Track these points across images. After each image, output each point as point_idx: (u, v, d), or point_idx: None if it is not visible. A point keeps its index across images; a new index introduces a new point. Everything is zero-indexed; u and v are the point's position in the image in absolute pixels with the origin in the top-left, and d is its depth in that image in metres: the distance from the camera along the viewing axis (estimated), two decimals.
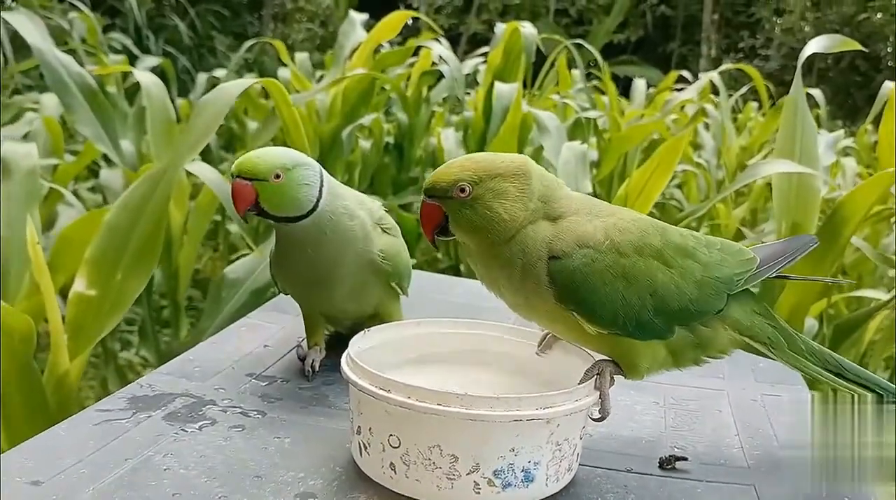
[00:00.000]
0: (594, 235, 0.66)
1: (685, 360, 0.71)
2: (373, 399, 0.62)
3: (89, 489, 0.61)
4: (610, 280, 0.65)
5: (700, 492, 0.68)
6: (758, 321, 0.73)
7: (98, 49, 3.93)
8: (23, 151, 1.76)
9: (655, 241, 0.68)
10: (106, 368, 2.31)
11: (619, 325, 0.66)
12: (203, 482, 0.63)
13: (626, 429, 0.79)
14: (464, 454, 0.60)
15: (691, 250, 0.70)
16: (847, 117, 9.33)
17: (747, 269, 0.72)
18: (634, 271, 0.66)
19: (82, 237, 1.43)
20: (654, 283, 0.67)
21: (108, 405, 0.75)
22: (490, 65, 3.43)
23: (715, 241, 0.73)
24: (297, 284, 0.86)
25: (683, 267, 0.68)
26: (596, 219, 0.67)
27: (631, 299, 0.66)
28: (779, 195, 1.66)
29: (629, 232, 0.67)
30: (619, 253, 0.66)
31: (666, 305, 0.67)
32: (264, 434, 0.72)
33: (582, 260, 0.65)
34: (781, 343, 0.73)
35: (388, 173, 3.42)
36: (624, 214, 0.70)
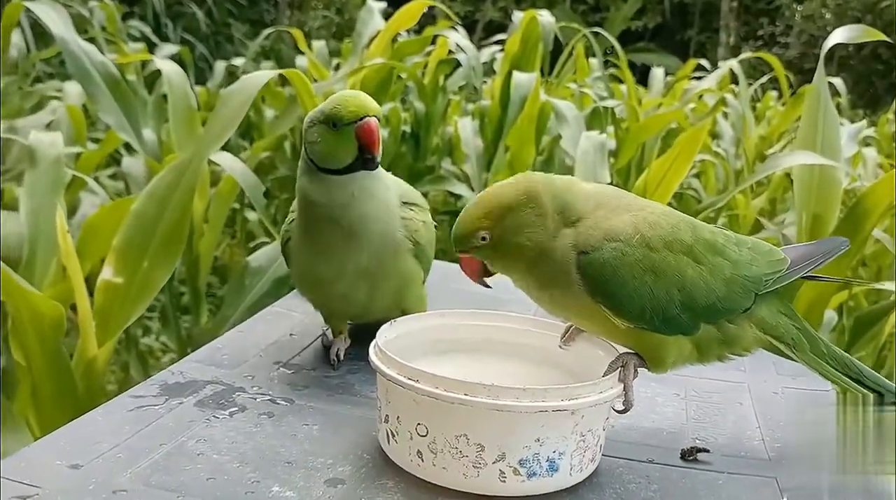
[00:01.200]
0: (623, 230, 0.66)
1: (710, 355, 0.72)
2: (401, 389, 0.63)
3: (127, 473, 0.62)
4: (639, 274, 0.66)
5: (721, 484, 0.69)
6: (783, 322, 0.74)
7: (118, 37, 3.96)
8: (48, 139, 1.78)
9: (686, 236, 0.68)
10: (128, 353, 2.34)
11: (646, 319, 0.67)
12: (236, 468, 0.65)
13: (648, 420, 0.80)
14: (490, 444, 0.62)
15: (721, 248, 0.70)
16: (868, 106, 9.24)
17: (777, 270, 0.73)
18: (664, 265, 0.67)
19: (108, 225, 1.45)
20: (683, 278, 0.67)
21: (142, 392, 0.77)
22: (507, 53, 3.43)
23: (745, 240, 0.74)
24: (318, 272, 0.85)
25: (713, 264, 0.69)
26: (625, 213, 0.68)
27: (659, 294, 0.66)
28: (800, 187, 1.66)
29: (660, 227, 0.68)
30: (650, 247, 0.66)
31: (694, 301, 0.68)
32: (293, 421, 0.74)
33: (612, 253, 0.65)
34: (804, 345, 0.74)
35: (404, 162, 3.43)
36: (654, 207, 0.70)
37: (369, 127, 0.77)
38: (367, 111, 0.77)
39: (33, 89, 3.67)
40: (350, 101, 0.78)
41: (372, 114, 0.77)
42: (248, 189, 1.57)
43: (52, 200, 1.68)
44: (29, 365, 1.21)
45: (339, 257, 0.83)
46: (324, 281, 0.86)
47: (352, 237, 0.81)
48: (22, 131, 2.45)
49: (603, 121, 3.29)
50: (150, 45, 4.66)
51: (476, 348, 0.78)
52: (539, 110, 2.84)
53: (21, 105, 3.34)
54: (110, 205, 1.58)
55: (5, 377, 1.32)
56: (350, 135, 0.78)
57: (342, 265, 0.83)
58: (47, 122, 2.70)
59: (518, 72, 2.98)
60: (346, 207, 0.80)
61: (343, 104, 0.78)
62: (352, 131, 0.77)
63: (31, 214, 1.64)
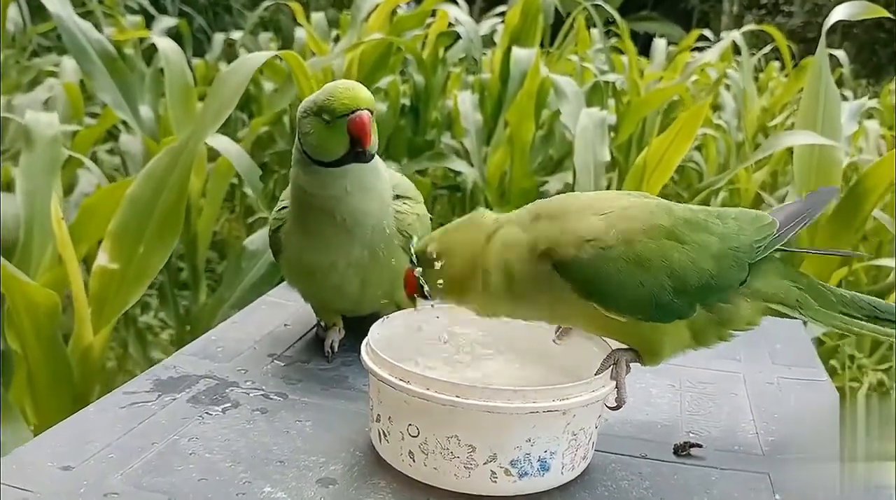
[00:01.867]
0: (597, 227, 0.66)
1: (709, 338, 0.71)
2: (392, 389, 0.63)
3: (118, 474, 0.63)
4: (624, 267, 0.65)
5: (714, 479, 0.69)
6: (784, 286, 0.72)
7: (115, 10, 3.92)
8: (45, 120, 1.77)
9: (663, 220, 0.67)
10: (126, 331, 2.35)
11: (641, 310, 0.66)
12: (228, 467, 0.65)
13: (642, 413, 0.80)
14: (481, 445, 0.62)
15: (703, 224, 0.69)
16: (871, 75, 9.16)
17: (766, 234, 0.71)
18: (647, 254, 0.65)
19: (104, 208, 1.45)
20: (670, 263, 0.66)
21: (135, 388, 0.77)
22: (507, 26, 3.39)
23: (728, 211, 0.72)
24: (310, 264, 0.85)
25: (698, 242, 0.67)
26: (593, 215, 0.67)
27: (649, 283, 0.65)
28: (800, 167, 1.65)
29: (634, 219, 0.67)
30: (627, 240, 0.65)
31: (685, 283, 0.66)
32: (286, 417, 0.74)
33: (591, 253, 0.65)
34: (811, 302, 0.72)
35: (403, 136, 3.41)
36: (622, 202, 0.69)
37: (361, 120, 0.76)
38: (360, 104, 0.76)
39: (31, 64, 3.65)
40: (342, 93, 0.76)
41: (364, 106, 0.76)
42: (244, 172, 1.57)
43: (48, 181, 1.67)
44: (24, 353, 1.21)
45: (332, 249, 0.82)
46: (316, 272, 0.85)
47: (345, 229, 0.81)
48: (19, 109, 2.44)
49: (603, 95, 3.26)
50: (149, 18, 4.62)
51: (469, 346, 0.77)
52: (539, 86, 2.81)
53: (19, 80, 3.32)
54: (107, 188, 1.57)
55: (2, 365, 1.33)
56: (342, 128, 0.77)
57: (335, 257, 0.83)
58: (44, 99, 2.69)
59: (518, 47, 2.95)
60: (340, 200, 0.80)
61: (335, 96, 0.76)
62: (344, 124, 0.76)
63: (27, 196, 1.64)
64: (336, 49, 2.86)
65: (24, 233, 1.62)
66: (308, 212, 0.82)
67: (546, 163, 3.36)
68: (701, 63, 3.58)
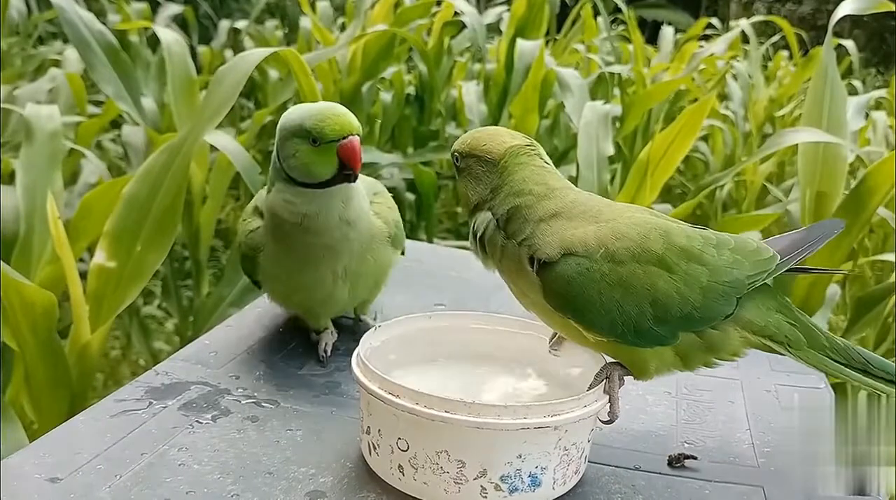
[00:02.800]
0: (586, 242, 0.64)
1: (694, 363, 0.70)
2: (381, 403, 0.63)
3: (106, 486, 0.62)
4: (606, 290, 0.63)
5: (708, 493, 0.68)
6: (774, 320, 0.70)
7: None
8: (45, 112, 1.76)
9: (656, 246, 0.65)
10: (130, 322, 2.35)
11: (617, 333, 0.65)
12: (216, 479, 0.64)
13: (637, 422, 0.79)
14: (471, 460, 0.61)
15: (697, 254, 0.67)
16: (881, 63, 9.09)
17: (762, 270, 0.69)
18: (632, 279, 0.64)
19: (103, 204, 1.44)
20: (654, 291, 0.64)
21: (126, 395, 0.77)
22: (513, 15, 3.37)
23: (728, 240, 0.70)
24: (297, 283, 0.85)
25: (688, 272, 0.66)
26: (589, 224, 0.66)
27: (629, 309, 0.64)
28: (804, 164, 1.63)
29: (627, 238, 0.65)
30: (615, 261, 0.64)
31: (667, 313, 0.65)
32: (277, 426, 0.73)
33: (575, 269, 0.63)
34: (801, 341, 0.70)
35: (408, 126, 3.39)
36: (624, 217, 0.67)
37: (352, 145, 0.76)
38: (351, 129, 0.76)
39: (35, 52, 3.64)
40: (332, 119, 0.76)
41: (354, 132, 0.77)
42: (243, 169, 1.56)
43: (48, 174, 1.67)
44: (22, 352, 1.21)
45: (322, 266, 0.83)
46: (303, 289, 0.86)
47: (335, 247, 0.81)
48: (21, 100, 2.43)
49: (609, 86, 3.24)
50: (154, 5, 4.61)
51: (462, 355, 0.77)
52: (543, 77, 2.80)
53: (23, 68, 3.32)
54: (105, 184, 1.57)
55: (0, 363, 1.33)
56: (331, 152, 0.77)
57: (323, 273, 0.83)
58: (47, 89, 2.68)
59: (522, 39, 2.93)
60: (328, 219, 0.80)
61: (325, 122, 0.76)
62: (333, 148, 0.76)
63: (27, 190, 1.63)
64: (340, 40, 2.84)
65: (24, 226, 1.61)
66: (292, 233, 0.81)
67: (551, 154, 3.34)
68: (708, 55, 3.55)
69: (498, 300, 1.01)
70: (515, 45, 2.94)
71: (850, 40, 4.81)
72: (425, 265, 1.20)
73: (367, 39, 2.71)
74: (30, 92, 2.57)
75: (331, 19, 4.03)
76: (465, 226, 2.04)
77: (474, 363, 0.76)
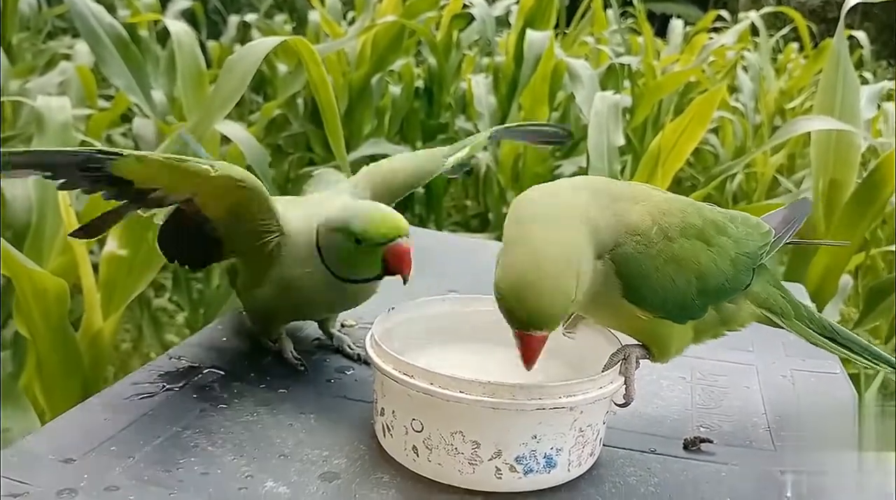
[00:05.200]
0: (643, 221, 0.64)
1: (706, 336, 0.72)
2: (395, 384, 0.62)
3: (120, 467, 0.62)
4: (661, 265, 0.64)
5: (724, 476, 0.68)
6: (772, 292, 0.73)
7: None
8: (56, 104, 1.76)
9: (696, 220, 0.66)
10: (141, 314, 2.36)
11: (666, 309, 0.65)
12: (230, 461, 0.64)
13: (652, 406, 0.79)
14: (486, 441, 0.61)
15: (723, 227, 0.69)
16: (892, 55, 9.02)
17: (767, 241, 0.72)
18: (682, 253, 0.65)
19: None
20: (699, 265, 0.65)
21: (139, 378, 0.77)
22: (522, 7, 3.36)
23: (735, 215, 0.73)
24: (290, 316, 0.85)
25: (720, 245, 0.67)
26: (637, 203, 0.65)
27: (680, 283, 0.65)
28: (817, 152, 1.62)
29: (671, 214, 0.65)
30: (668, 237, 0.64)
31: (707, 285, 0.66)
32: (290, 410, 0.73)
33: (635, 248, 0.63)
34: (790, 312, 0.74)
35: (417, 119, 3.39)
36: (657, 195, 0.68)
37: (401, 249, 0.72)
38: (398, 232, 0.72)
39: (46, 46, 3.65)
40: (379, 222, 0.72)
41: (403, 234, 0.72)
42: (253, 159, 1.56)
43: None
44: (34, 339, 1.21)
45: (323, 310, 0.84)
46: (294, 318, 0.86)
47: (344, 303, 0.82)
48: (32, 92, 2.44)
49: (619, 78, 3.23)
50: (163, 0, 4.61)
51: (476, 337, 0.76)
52: (553, 69, 2.79)
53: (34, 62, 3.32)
54: None
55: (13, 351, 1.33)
56: (377, 254, 0.73)
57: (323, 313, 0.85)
58: (58, 82, 2.69)
59: (532, 30, 2.92)
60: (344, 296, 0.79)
61: (373, 225, 0.72)
62: (379, 251, 0.73)
63: (38, 180, 1.63)
64: (349, 32, 2.84)
65: (36, 217, 1.62)
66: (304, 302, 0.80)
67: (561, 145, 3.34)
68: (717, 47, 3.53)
69: None
70: (525, 36, 2.93)
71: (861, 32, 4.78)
72: (436, 253, 1.19)
73: (376, 31, 2.71)
74: (40, 85, 2.58)
75: (339, 13, 4.02)
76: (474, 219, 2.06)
77: (488, 346, 0.76)
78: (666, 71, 3.37)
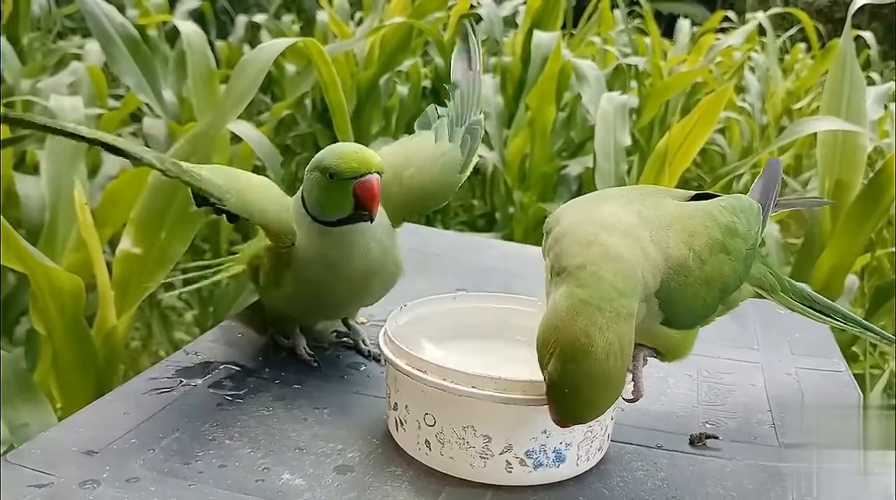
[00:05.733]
0: (680, 252, 0.63)
1: (711, 321, 0.72)
2: (409, 379, 0.64)
3: (140, 459, 0.64)
4: (697, 290, 0.64)
5: (729, 471, 0.69)
6: (763, 270, 0.75)
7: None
8: (69, 104, 1.79)
9: (717, 233, 0.66)
10: (151, 312, 2.38)
11: (694, 323, 0.67)
12: (247, 454, 0.66)
13: (659, 403, 0.80)
14: (497, 435, 0.62)
15: (734, 228, 0.68)
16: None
17: (759, 222, 0.73)
18: (712, 272, 0.65)
19: (128, 192, 1.47)
20: (724, 278, 0.66)
21: (156, 374, 0.78)
22: (530, 7, 3.38)
23: (734, 204, 0.71)
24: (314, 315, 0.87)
25: (737, 249, 0.68)
26: (672, 228, 0.64)
27: (710, 300, 0.66)
28: (823, 153, 1.63)
29: (699, 235, 0.65)
30: (701, 260, 0.64)
31: (728, 290, 0.68)
32: (304, 405, 0.75)
33: (677, 280, 0.63)
34: (777, 287, 0.76)
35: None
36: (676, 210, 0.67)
37: (369, 183, 0.73)
38: (369, 167, 0.73)
39: (56, 46, 3.68)
40: (351, 156, 0.73)
41: (374, 170, 0.73)
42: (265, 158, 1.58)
43: (72, 164, 1.69)
44: (50, 336, 1.23)
45: (345, 304, 0.85)
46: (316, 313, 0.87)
47: (363, 287, 0.81)
48: (44, 92, 2.46)
49: (626, 78, 3.24)
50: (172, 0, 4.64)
51: (487, 334, 0.78)
52: (560, 69, 2.80)
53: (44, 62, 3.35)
54: (130, 172, 1.59)
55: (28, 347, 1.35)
56: (347, 189, 0.73)
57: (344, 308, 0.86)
58: (69, 82, 2.71)
59: (539, 31, 2.94)
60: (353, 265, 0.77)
61: (343, 159, 0.73)
62: (350, 186, 0.73)
63: (52, 180, 1.66)
64: (357, 33, 2.86)
65: (49, 215, 1.64)
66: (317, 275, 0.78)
67: (568, 146, 3.35)
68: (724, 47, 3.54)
69: (519, 286, 1.02)
70: (532, 37, 2.94)
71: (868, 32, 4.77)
72: (444, 251, 1.21)
73: (384, 32, 2.73)
74: (51, 85, 2.60)
75: (347, 13, 4.04)
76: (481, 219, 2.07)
77: (498, 342, 0.77)
78: (673, 71, 3.38)
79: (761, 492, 0.66)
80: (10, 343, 1.68)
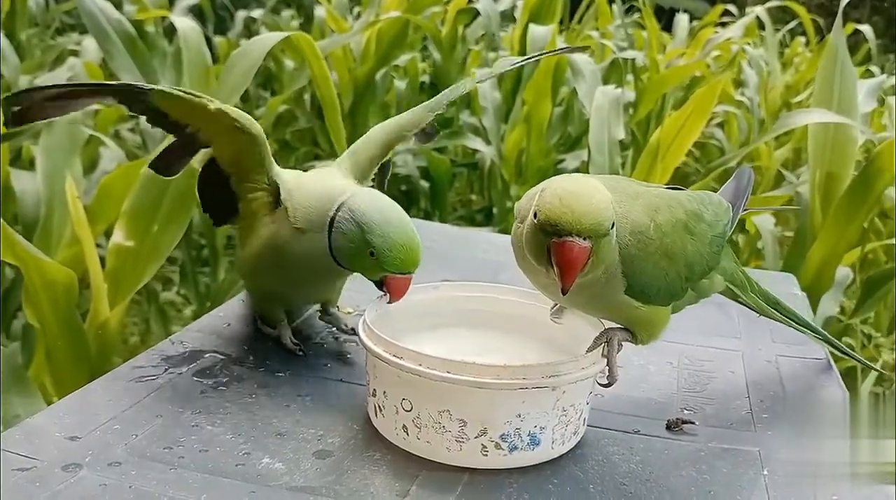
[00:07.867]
0: (642, 220, 0.66)
1: (681, 308, 0.74)
2: (386, 365, 0.65)
3: (123, 445, 0.65)
4: (658, 261, 0.67)
5: (704, 455, 0.70)
6: (734, 267, 0.78)
7: None
8: None
9: (681, 214, 0.69)
10: (149, 307, 2.39)
11: (658, 298, 0.69)
12: (229, 439, 0.67)
13: (638, 390, 0.81)
14: (472, 419, 0.63)
15: (700, 214, 0.72)
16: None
17: (728, 218, 0.76)
18: (673, 247, 0.68)
19: (121, 187, 1.47)
20: (686, 255, 0.69)
21: (142, 362, 0.79)
22: (527, 2, 3.38)
23: (702, 196, 0.74)
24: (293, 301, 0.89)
25: (701, 232, 0.71)
26: (637, 200, 0.68)
27: (671, 275, 0.68)
28: (814, 145, 1.64)
29: (662, 210, 0.68)
30: (662, 232, 0.67)
31: (693, 271, 0.71)
32: (288, 392, 0.76)
33: (638, 247, 0.66)
34: (746, 286, 0.79)
35: None
36: (643, 190, 0.70)
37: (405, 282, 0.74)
38: (412, 268, 0.74)
39: (54, 43, 3.69)
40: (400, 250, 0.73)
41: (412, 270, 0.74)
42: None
43: (68, 160, 1.70)
44: (43, 329, 1.24)
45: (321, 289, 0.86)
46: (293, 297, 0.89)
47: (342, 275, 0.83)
48: None
49: (622, 72, 3.24)
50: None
51: (466, 322, 0.79)
52: (556, 64, 2.80)
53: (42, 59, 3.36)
54: (123, 167, 1.60)
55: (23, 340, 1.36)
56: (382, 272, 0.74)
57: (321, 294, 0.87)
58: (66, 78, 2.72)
59: (534, 25, 2.94)
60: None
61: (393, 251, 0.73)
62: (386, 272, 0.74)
63: (47, 176, 1.67)
64: (354, 27, 2.86)
65: (44, 211, 1.65)
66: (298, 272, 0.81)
67: (565, 140, 3.35)
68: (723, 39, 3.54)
69: (505, 277, 1.03)
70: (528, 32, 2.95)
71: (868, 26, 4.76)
72: (436, 244, 1.22)
73: (380, 27, 2.73)
74: (48, 80, 2.61)
75: (345, 8, 4.04)
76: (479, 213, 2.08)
77: (478, 331, 0.78)
78: (670, 65, 3.38)
79: (734, 475, 0.67)
80: (7, 338, 1.70)
